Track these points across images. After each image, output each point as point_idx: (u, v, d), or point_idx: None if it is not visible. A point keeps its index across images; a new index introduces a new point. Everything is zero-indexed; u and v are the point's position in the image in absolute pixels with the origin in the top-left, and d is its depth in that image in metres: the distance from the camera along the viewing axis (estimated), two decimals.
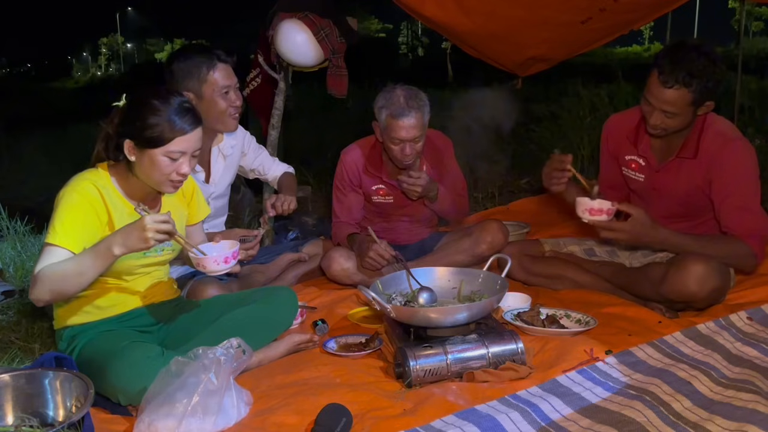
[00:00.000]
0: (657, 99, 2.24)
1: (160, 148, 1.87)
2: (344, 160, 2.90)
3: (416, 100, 2.63)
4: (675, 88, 2.19)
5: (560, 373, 1.93)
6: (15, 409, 1.77)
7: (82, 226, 1.85)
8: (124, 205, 1.96)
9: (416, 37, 38.76)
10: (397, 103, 2.61)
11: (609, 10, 3.61)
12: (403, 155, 2.67)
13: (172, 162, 1.89)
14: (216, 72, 2.47)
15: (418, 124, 2.62)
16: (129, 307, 2.05)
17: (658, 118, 2.27)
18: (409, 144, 2.64)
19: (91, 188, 1.89)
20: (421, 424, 1.70)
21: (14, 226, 3.63)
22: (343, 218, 2.92)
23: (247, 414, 1.79)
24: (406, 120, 2.60)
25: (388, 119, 2.63)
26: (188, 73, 2.46)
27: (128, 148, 1.89)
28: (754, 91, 7.74)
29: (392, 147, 2.68)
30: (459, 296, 2.25)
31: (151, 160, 1.88)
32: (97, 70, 59.97)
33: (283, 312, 2.24)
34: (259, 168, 2.96)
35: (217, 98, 2.49)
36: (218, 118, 2.53)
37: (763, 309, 2.27)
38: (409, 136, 2.62)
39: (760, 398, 1.72)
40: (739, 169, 2.31)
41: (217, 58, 2.49)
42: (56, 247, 1.82)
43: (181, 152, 1.89)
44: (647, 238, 2.25)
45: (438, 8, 3.60)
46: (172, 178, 1.92)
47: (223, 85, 2.49)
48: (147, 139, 1.86)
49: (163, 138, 1.86)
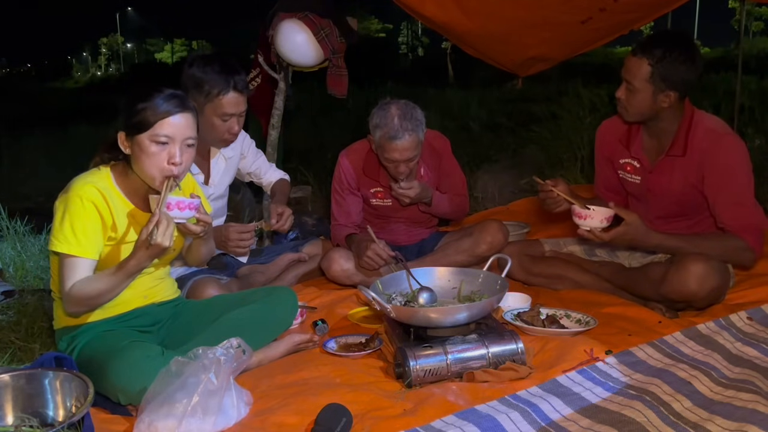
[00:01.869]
0: (624, 68, 2.35)
1: (145, 133, 1.85)
2: (342, 163, 2.89)
3: (411, 121, 2.58)
4: (638, 56, 2.29)
5: (560, 373, 1.93)
6: (15, 409, 1.77)
7: (93, 231, 1.87)
8: (125, 206, 1.96)
9: (416, 37, 38.78)
10: (391, 125, 2.56)
11: (609, 10, 3.61)
12: (396, 173, 2.67)
13: (161, 148, 1.86)
14: (225, 98, 2.43)
15: (411, 145, 2.59)
16: (129, 307, 2.05)
17: (621, 91, 2.36)
18: (403, 163, 2.63)
19: (93, 191, 1.89)
20: (421, 424, 1.70)
21: (14, 226, 3.63)
22: (341, 221, 2.92)
23: (247, 414, 1.79)
24: (399, 143, 2.57)
25: (381, 140, 2.61)
26: (198, 85, 2.43)
27: (121, 140, 1.90)
28: (754, 91, 7.75)
29: (389, 166, 2.68)
30: (459, 296, 2.25)
31: (140, 148, 1.87)
32: (97, 70, 59.97)
33: (283, 312, 2.24)
34: (256, 172, 2.95)
35: (215, 121, 2.47)
36: (207, 136, 2.49)
37: (763, 309, 2.27)
38: (402, 158, 2.60)
39: (760, 398, 1.72)
40: (731, 164, 2.31)
41: (233, 85, 2.44)
42: (77, 258, 1.85)
43: (167, 136, 1.85)
44: (641, 243, 2.26)
45: (438, 8, 3.60)
46: (163, 168, 1.86)
47: (226, 113, 2.46)
48: (133, 124, 1.85)
49: (148, 121, 1.84)
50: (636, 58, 2.29)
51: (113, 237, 1.93)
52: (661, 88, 2.28)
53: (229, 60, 2.51)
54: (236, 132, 2.54)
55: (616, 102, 2.40)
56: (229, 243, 2.53)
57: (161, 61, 40.33)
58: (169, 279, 2.22)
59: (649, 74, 2.26)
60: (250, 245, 2.57)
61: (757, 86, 8.52)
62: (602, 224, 2.17)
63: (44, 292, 2.78)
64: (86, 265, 1.87)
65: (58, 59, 64.62)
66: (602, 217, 2.16)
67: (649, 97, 2.30)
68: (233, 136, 2.55)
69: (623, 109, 2.38)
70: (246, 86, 2.52)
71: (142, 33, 65.79)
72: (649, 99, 2.30)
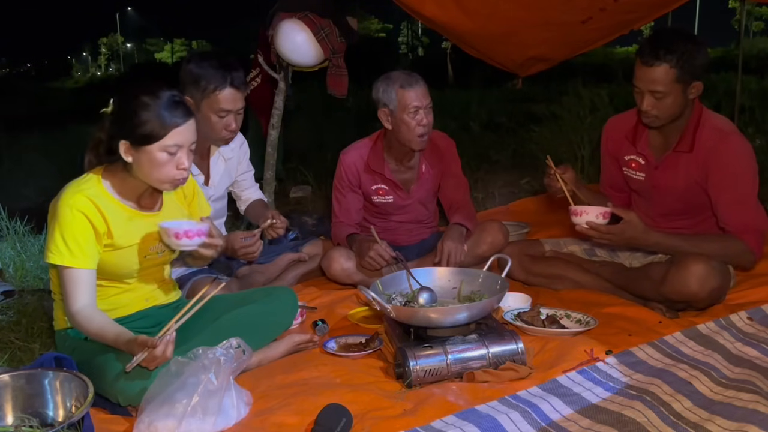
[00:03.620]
0: (642, 81, 2.28)
1: (155, 144, 1.84)
2: (343, 161, 2.90)
3: (415, 76, 2.75)
4: (656, 65, 2.24)
5: (560, 373, 1.93)
6: (15, 409, 1.76)
7: (85, 242, 1.85)
8: (122, 210, 1.94)
9: (416, 37, 38.74)
10: (403, 76, 2.72)
11: (609, 9, 3.61)
12: (421, 126, 2.71)
13: (171, 157, 1.87)
14: (222, 94, 2.43)
15: (426, 91, 2.72)
16: (131, 310, 2.05)
17: (648, 102, 2.30)
18: (424, 111, 2.71)
19: (84, 201, 1.86)
20: (421, 424, 1.70)
21: (14, 226, 3.63)
22: (342, 219, 2.92)
23: (247, 414, 1.79)
24: (417, 87, 2.69)
25: (398, 92, 2.69)
26: (195, 81, 2.42)
27: (124, 149, 1.87)
28: (754, 91, 7.76)
29: (409, 122, 2.70)
30: (459, 296, 2.25)
31: (149, 158, 1.86)
32: (97, 70, 60.04)
33: (283, 312, 2.24)
34: (241, 183, 2.89)
35: (212, 117, 2.46)
36: (208, 134, 2.49)
37: (763, 309, 2.27)
38: (425, 103, 2.70)
39: (761, 398, 1.72)
40: (736, 163, 2.31)
41: (230, 81, 2.43)
42: (75, 269, 1.85)
43: (178, 145, 1.87)
44: (640, 242, 2.26)
45: (438, 8, 3.60)
46: (173, 175, 1.89)
47: (223, 109, 2.45)
48: (141, 136, 1.84)
49: (158, 133, 1.84)
50: (655, 67, 2.23)
51: (109, 243, 1.92)
52: (688, 83, 2.27)
53: (226, 57, 2.52)
54: (234, 129, 2.53)
55: (642, 115, 2.36)
56: (237, 253, 2.53)
57: (161, 61, 40.35)
58: (170, 281, 2.21)
59: (675, 76, 2.24)
60: (259, 250, 2.55)
61: (757, 86, 8.52)
62: (598, 219, 2.17)
63: (44, 292, 2.78)
64: (85, 277, 1.86)
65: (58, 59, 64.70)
66: (597, 212, 2.16)
67: (680, 95, 2.28)
68: (231, 134, 2.55)
69: (653, 118, 2.33)
70: (243, 83, 2.51)
71: (142, 33, 65.81)
72: (680, 97, 2.29)
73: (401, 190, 2.88)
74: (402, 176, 2.88)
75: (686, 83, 2.27)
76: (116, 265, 1.96)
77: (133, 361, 1.74)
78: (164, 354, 1.73)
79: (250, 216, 2.93)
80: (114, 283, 2.01)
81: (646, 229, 2.22)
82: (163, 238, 1.92)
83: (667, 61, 2.22)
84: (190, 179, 2.17)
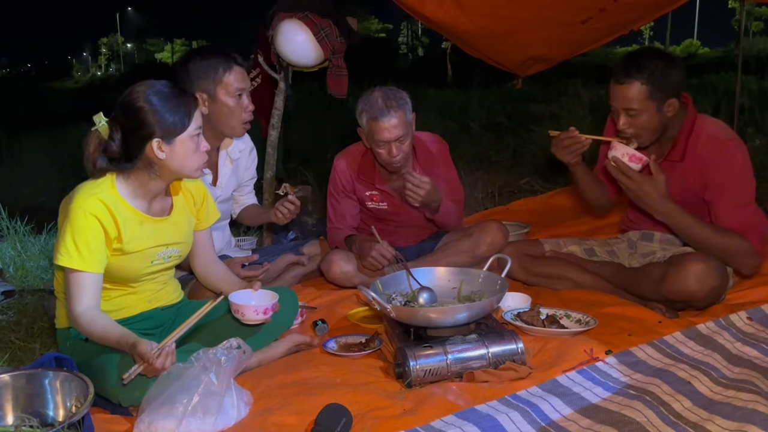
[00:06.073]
0: (617, 99, 2.33)
1: (185, 132, 1.91)
2: (337, 166, 2.89)
3: (395, 100, 2.60)
4: (627, 83, 2.28)
5: (560, 373, 1.93)
6: (15, 409, 1.77)
7: (96, 246, 1.86)
8: (134, 215, 1.94)
9: (416, 37, 38.78)
10: (376, 105, 2.59)
11: (609, 10, 3.61)
12: (390, 157, 2.64)
13: (197, 142, 1.95)
14: (231, 74, 2.47)
15: (399, 123, 2.59)
16: (134, 312, 2.05)
17: (624, 121, 2.34)
18: (394, 145, 2.62)
19: (98, 204, 1.86)
20: (421, 424, 1.70)
21: (14, 226, 3.63)
22: (337, 224, 2.91)
23: (247, 414, 1.79)
24: (386, 121, 2.57)
25: (369, 123, 2.62)
26: (204, 73, 2.45)
27: (156, 146, 1.88)
28: (754, 91, 7.76)
29: (379, 151, 2.65)
30: (459, 296, 2.25)
31: (182, 148, 1.91)
32: (97, 70, 60.03)
33: (283, 312, 2.24)
34: (244, 187, 2.90)
35: (229, 101, 2.49)
36: (227, 121, 2.52)
37: (763, 309, 2.27)
38: (392, 137, 2.59)
39: (760, 398, 1.72)
40: (734, 169, 2.32)
41: (234, 60, 2.49)
42: (83, 272, 1.85)
43: (199, 127, 1.96)
44: (652, 203, 2.25)
45: (438, 8, 3.60)
46: (203, 159, 1.98)
47: (237, 88, 2.49)
48: (172, 129, 1.89)
49: (183, 121, 1.90)
50: (626, 85, 2.28)
51: (119, 248, 1.92)
52: (662, 100, 2.28)
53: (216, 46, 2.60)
54: (251, 109, 2.56)
55: (620, 134, 2.38)
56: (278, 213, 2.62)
57: (161, 61, 40.32)
58: (173, 282, 2.21)
59: (647, 93, 2.26)
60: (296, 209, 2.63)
61: (757, 86, 8.52)
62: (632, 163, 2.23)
63: (44, 292, 2.78)
64: (92, 281, 1.87)
65: (58, 59, 64.69)
66: (635, 155, 2.23)
67: (654, 113, 2.30)
68: (250, 114, 2.57)
69: (634, 137, 2.35)
70: (246, 61, 2.57)
71: (142, 33, 65.77)
72: (655, 115, 2.30)
73: (394, 197, 2.85)
74: (394, 184, 2.83)
75: (660, 101, 2.28)
76: (124, 269, 1.96)
77: (131, 372, 1.73)
78: (163, 366, 1.72)
79: (244, 217, 2.94)
80: (119, 286, 2.01)
81: (665, 196, 2.22)
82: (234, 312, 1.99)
83: (639, 78, 2.26)
84: (200, 184, 2.17)
